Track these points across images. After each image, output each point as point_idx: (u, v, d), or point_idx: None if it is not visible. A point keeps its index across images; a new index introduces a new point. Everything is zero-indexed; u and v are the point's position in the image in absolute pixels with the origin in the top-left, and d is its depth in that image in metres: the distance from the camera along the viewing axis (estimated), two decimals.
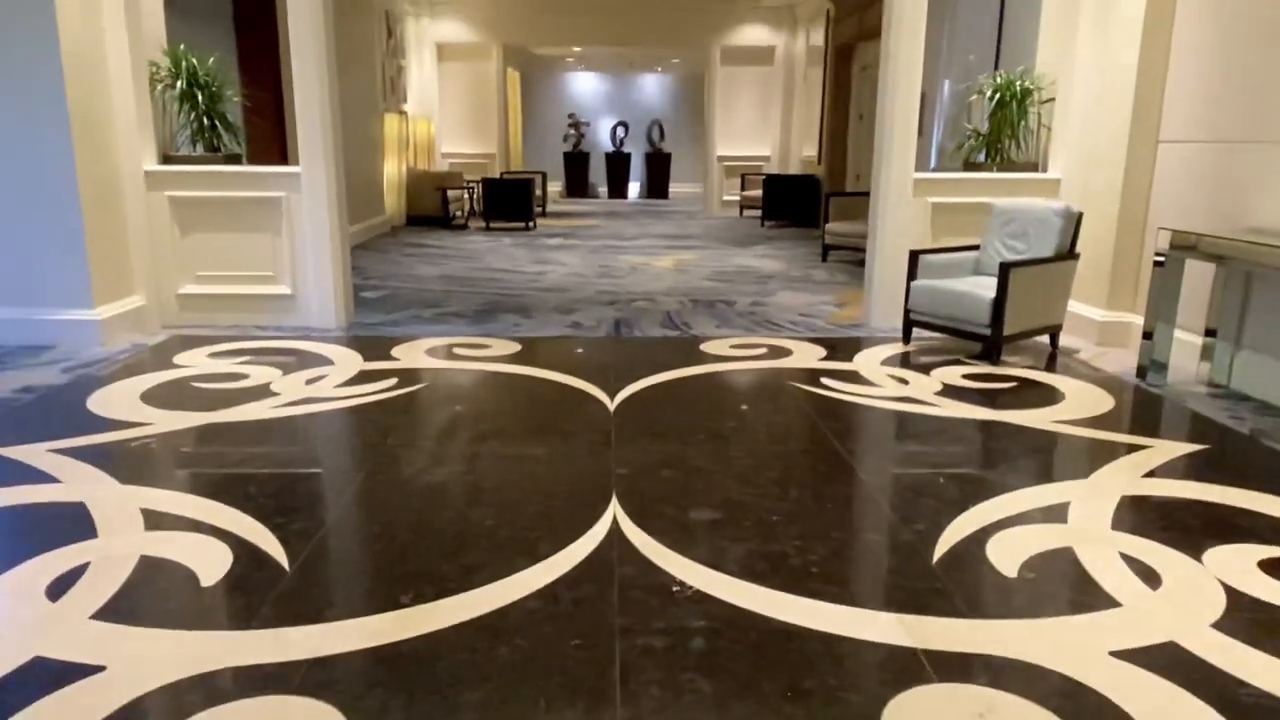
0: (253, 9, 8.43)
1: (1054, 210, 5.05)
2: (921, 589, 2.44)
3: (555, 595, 2.37)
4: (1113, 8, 5.31)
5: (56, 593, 2.36)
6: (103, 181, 5.22)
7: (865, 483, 3.25)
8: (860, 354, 5.13)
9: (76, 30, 4.96)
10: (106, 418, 3.83)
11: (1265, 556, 2.64)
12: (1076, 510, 2.96)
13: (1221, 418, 4.05)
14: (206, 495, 3.02)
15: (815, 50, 13.51)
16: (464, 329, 5.78)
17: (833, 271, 8.52)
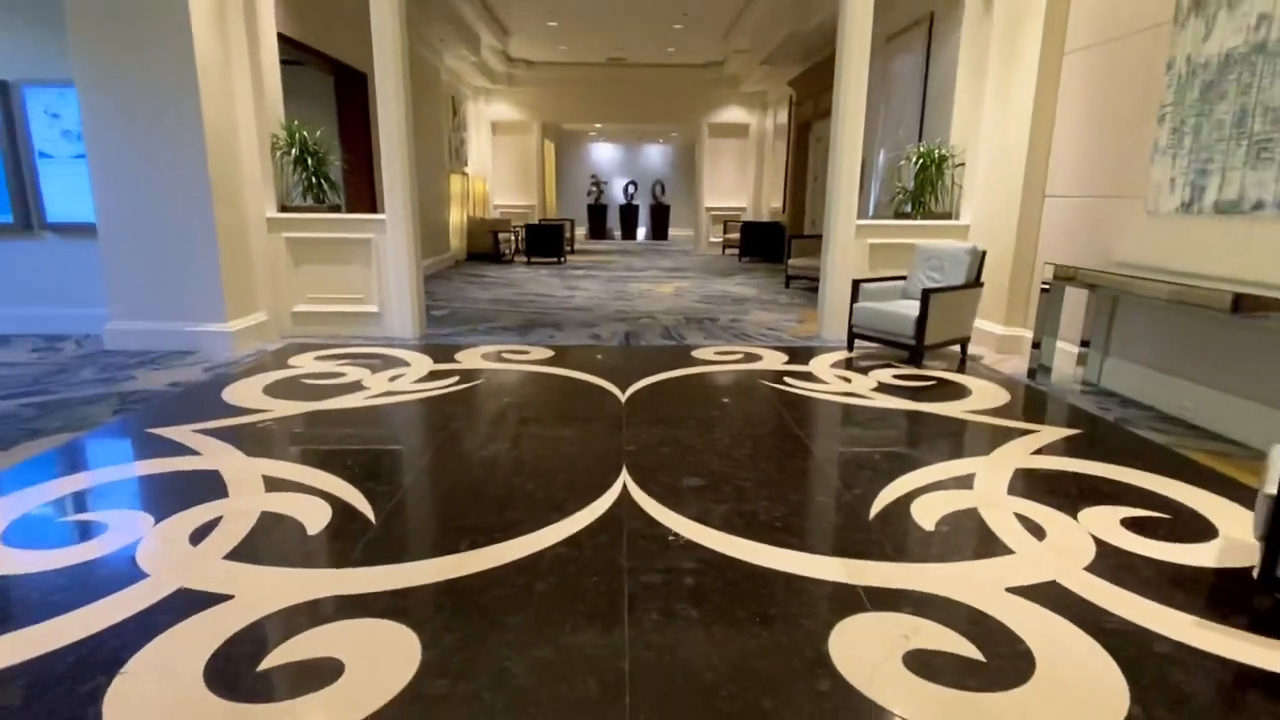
0: (350, 94, 8.47)
1: (963, 249, 5.03)
2: (860, 539, 2.43)
3: (579, 543, 2.37)
4: (1008, 95, 5.30)
5: (197, 539, 2.37)
6: (235, 226, 5.24)
7: (817, 458, 3.24)
8: (815, 359, 5.10)
9: (216, 114, 4.98)
10: (237, 405, 3.84)
11: (1126, 515, 2.63)
12: (980, 479, 2.94)
13: (1093, 409, 4.02)
14: (312, 465, 3.03)
15: (780, 127, 13.50)
16: (510, 339, 5.77)
17: (793, 296, 8.50)
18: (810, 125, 11.52)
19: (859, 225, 5.70)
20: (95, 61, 4.76)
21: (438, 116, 11.22)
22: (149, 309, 5.12)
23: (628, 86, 14.49)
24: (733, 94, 14.60)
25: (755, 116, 14.82)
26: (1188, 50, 3.83)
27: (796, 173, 12.03)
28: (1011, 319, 5.37)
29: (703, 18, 10.44)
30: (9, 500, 2.67)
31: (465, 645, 1.82)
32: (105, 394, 4.07)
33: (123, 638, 1.83)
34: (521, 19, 10.80)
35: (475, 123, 14.29)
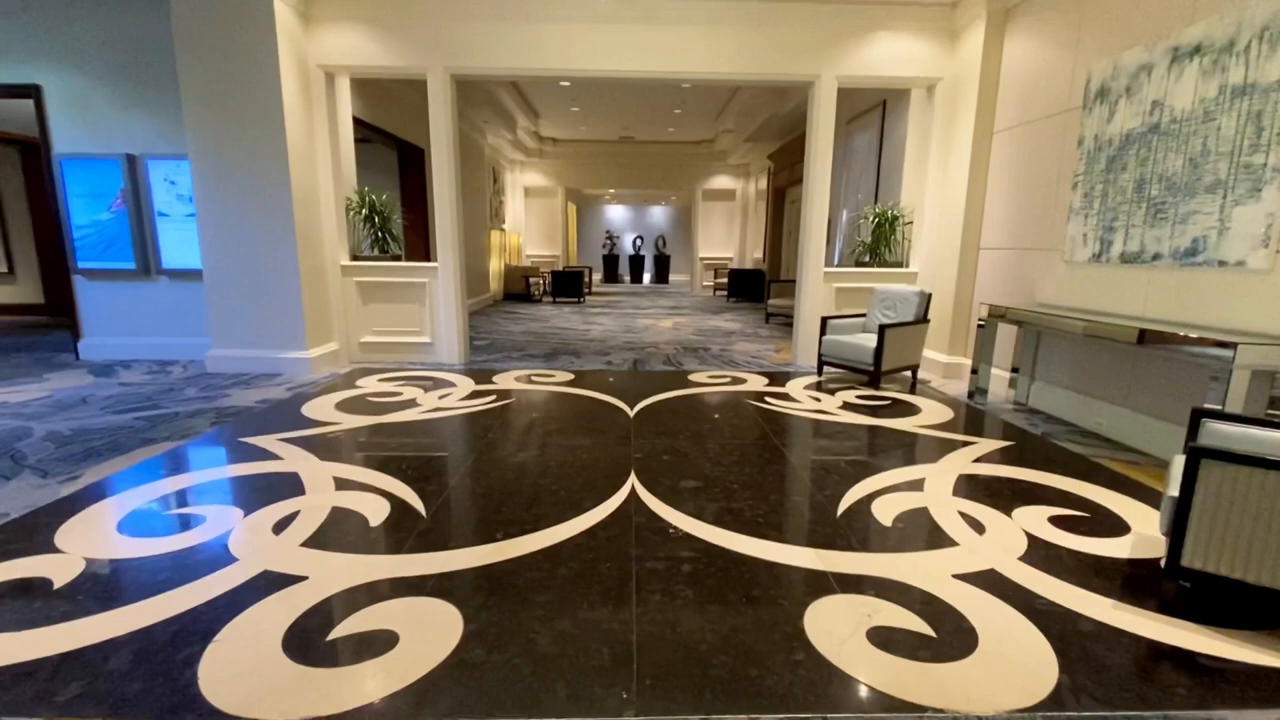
0: (410, 164, 8.60)
1: (913, 292, 5.03)
2: (829, 533, 2.40)
3: (594, 534, 2.35)
4: (948, 165, 5.34)
5: (279, 529, 2.36)
6: (314, 271, 5.30)
7: (793, 464, 3.22)
8: (790, 382, 5.09)
9: (301, 180, 5.07)
10: (313, 419, 3.85)
11: (1053, 514, 2.59)
12: (930, 483, 2.91)
13: (1023, 424, 3.99)
14: (374, 468, 3.03)
15: (761, 191, 13.61)
16: (538, 364, 5.78)
17: (773, 330, 8.49)
18: (785, 190, 11.61)
19: (826, 272, 5.71)
20: (205, 139, 4.86)
21: (481, 183, 11.37)
22: (243, 338, 5.16)
23: (636, 159, 14.67)
24: (722, 165, 14.76)
25: (740, 183, 14.95)
26: (1095, 130, 3.86)
27: (774, 229, 12.10)
28: (954, 349, 5.35)
29: (697, 104, 10.61)
30: (124, 497, 2.67)
31: (499, 620, 1.80)
32: (205, 409, 4.09)
33: (215, 612, 1.82)
34: (550, 105, 10.99)
35: (511, 188, 14.47)
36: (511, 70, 5.33)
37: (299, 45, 5.03)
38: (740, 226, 15.19)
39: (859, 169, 7.86)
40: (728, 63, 5.31)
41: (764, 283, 12.54)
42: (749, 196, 14.81)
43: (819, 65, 5.32)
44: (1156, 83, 3.42)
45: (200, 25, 4.69)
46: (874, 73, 5.35)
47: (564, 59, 5.27)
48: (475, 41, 5.23)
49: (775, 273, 12.05)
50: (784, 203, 11.82)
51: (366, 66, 5.27)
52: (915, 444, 3.55)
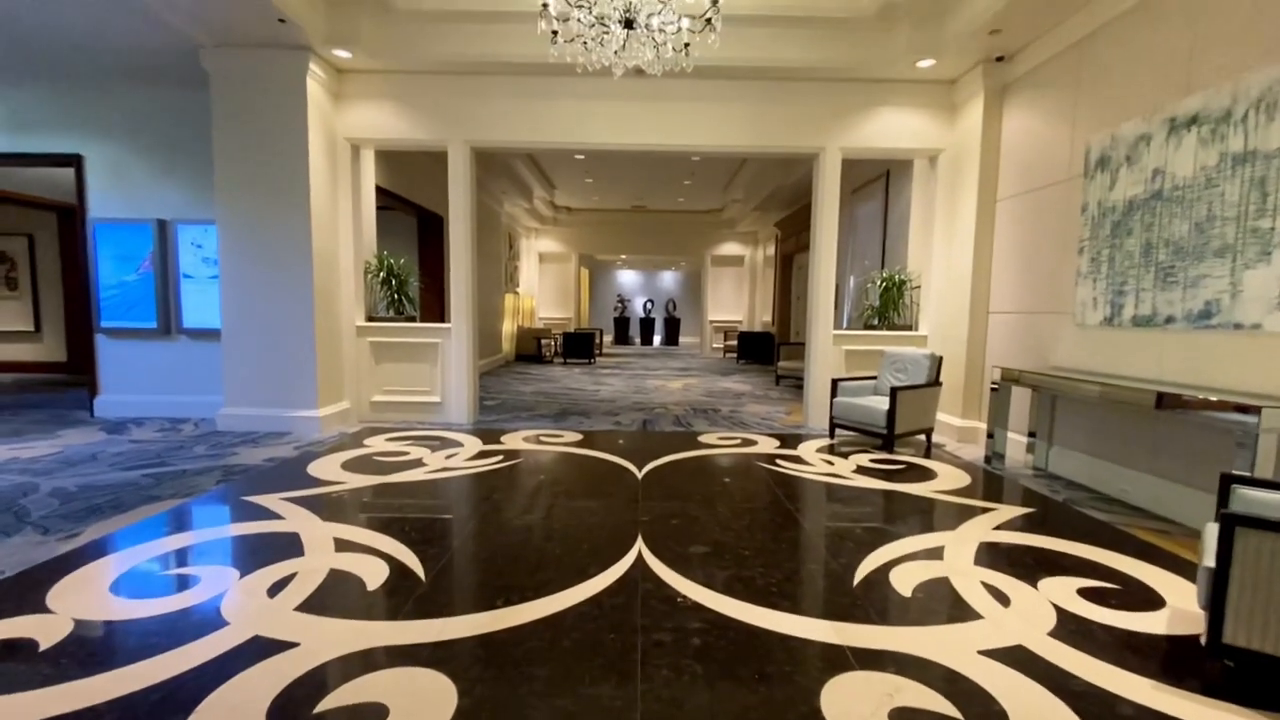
0: (428, 230, 8.87)
1: (924, 354, 5.01)
2: (846, 604, 2.28)
3: (599, 602, 2.26)
4: (953, 232, 5.43)
5: (274, 592, 2.29)
6: (330, 332, 5.39)
7: (806, 530, 3.11)
8: (802, 445, 5.00)
9: (322, 245, 5.23)
10: (319, 478, 3.81)
11: (1082, 585, 2.46)
12: (949, 551, 2.79)
13: (1044, 490, 3.86)
14: (375, 529, 2.96)
15: (769, 257, 13.86)
16: (547, 424, 5.74)
17: (783, 392, 8.44)
18: (793, 256, 11.82)
19: (835, 334, 5.72)
20: (233, 205, 5.06)
21: (497, 249, 11.69)
22: (255, 397, 5.19)
23: (647, 227, 15.08)
24: (730, 232, 15.12)
25: (748, 249, 15.26)
26: (1097, 197, 3.92)
27: (782, 293, 12.25)
28: (968, 412, 5.26)
29: (707, 176, 10.98)
30: (121, 556, 2.61)
31: (496, 694, 1.70)
32: (212, 466, 4.06)
33: (202, 679, 1.74)
34: (565, 177, 11.44)
35: (526, 253, 14.85)
36: (528, 143, 5.56)
37: (328, 120, 5.31)
38: (749, 291, 15.38)
39: (864, 236, 8.01)
40: (736, 136, 5.52)
41: (773, 345, 12.58)
42: (757, 262, 15.07)
43: (824, 138, 5.52)
44: (1156, 151, 3.50)
45: (237, 100, 4.98)
46: (877, 144, 5.53)
47: (578, 133, 5.51)
48: (494, 117, 5.49)
49: (784, 335, 12.10)
50: (791, 268, 12.00)
51: (391, 139, 5.53)
52: (933, 510, 3.43)
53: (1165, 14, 3.52)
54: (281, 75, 4.95)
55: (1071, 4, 4.04)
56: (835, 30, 4.99)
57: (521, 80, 5.43)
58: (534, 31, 4.83)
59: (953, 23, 4.68)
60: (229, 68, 4.94)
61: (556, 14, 3.29)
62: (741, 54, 5.02)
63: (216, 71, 4.96)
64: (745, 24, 4.87)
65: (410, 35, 5.02)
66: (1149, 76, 3.61)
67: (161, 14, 4.32)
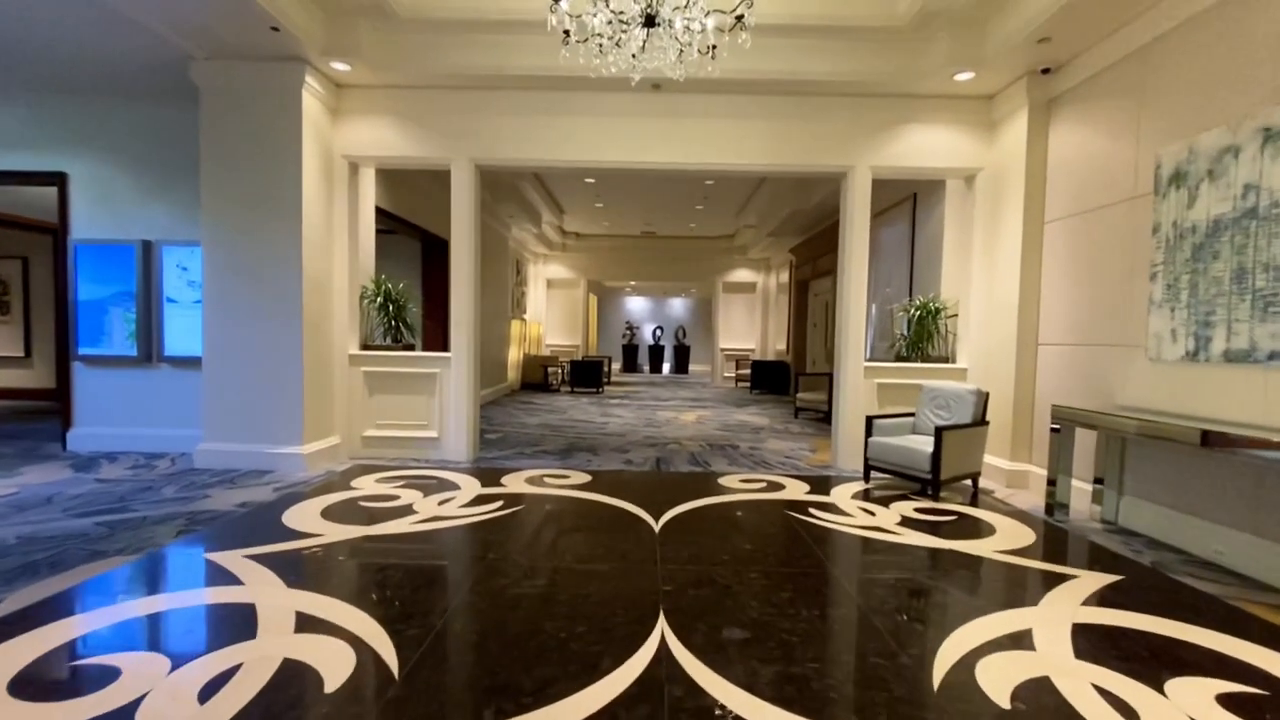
0: (432, 255, 8.53)
1: (968, 390, 4.53)
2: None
3: (614, 716, 1.76)
4: (995, 257, 4.99)
5: (206, 694, 1.81)
6: (320, 361, 4.98)
7: (861, 606, 2.59)
8: (835, 489, 4.49)
9: (314, 268, 4.86)
10: (294, 529, 3.34)
11: (1221, 691, 1.94)
12: (1040, 637, 2.28)
13: (1123, 550, 3.33)
14: (347, 599, 2.48)
15: (782, 284, 13.47)
16: (552, 462, 5.27)
17: (803, 425, 7.93)
18: (808, 283, 11.42)
19: (867, 366, 5.25)
20: (219, 225, 4.70)
21: (504, 274, 11.35)
22: (236, 432, 4.76)
23: (657, 253, 14.77)
24: (742, 259, 14.78)
25: (760, 276, 14.89)
26: (1172, 217, 3.48)
27: (798, 321, 11.81)
28: (1016, 454, 4.75)
29: (720, 200, 10.66)
30: (36, 637, 2.15)
31: None
32: (177, 513, 3.61)
33: None
34: (574, 201, 11.15)
35: (534, 279, 14.54)
36: (536, 162, 5.21)
37: (325, 136, 4.98)
38: (761, 318, 14.97)
39: (888, 262, 7.60)
40: (758, 154, 5.14)
41: (789, 375, 12.11)
42: (769, 289, 14.68)
43: (852, 156, 5.13)
44: (1247, 165, 3.06)
45: (227, 114, 4.65)
46: (910, 164, 5.13)
47: (590, 152, 5.15)
48: (501, 134, 5.15)
49: (800, 365, 11.62)
50: (807, 295, 11.59)
51: (391, 157, 5.18)
52: (1001, 577, 2.92)
53: (1250, 12, 3.12)
54: (276, 89, 4.64)
55: (1136, 5, 3.65)
56: (867, 41, 4.63)
57: (530, 96, 5.09)
58: (544, 43, 4.52)
59: (997, 31, 4.31)
60: (220, 81, 4.63)
61: (569, 9, 2.92)
62: (765, 66, 4.66)
63: (207, 85, 4.65)
64: (770, 34, 4.52)
65: (414, 47, 4.70)
66: (1233, 82, 3.20)
67: (148, 24, 4.01)
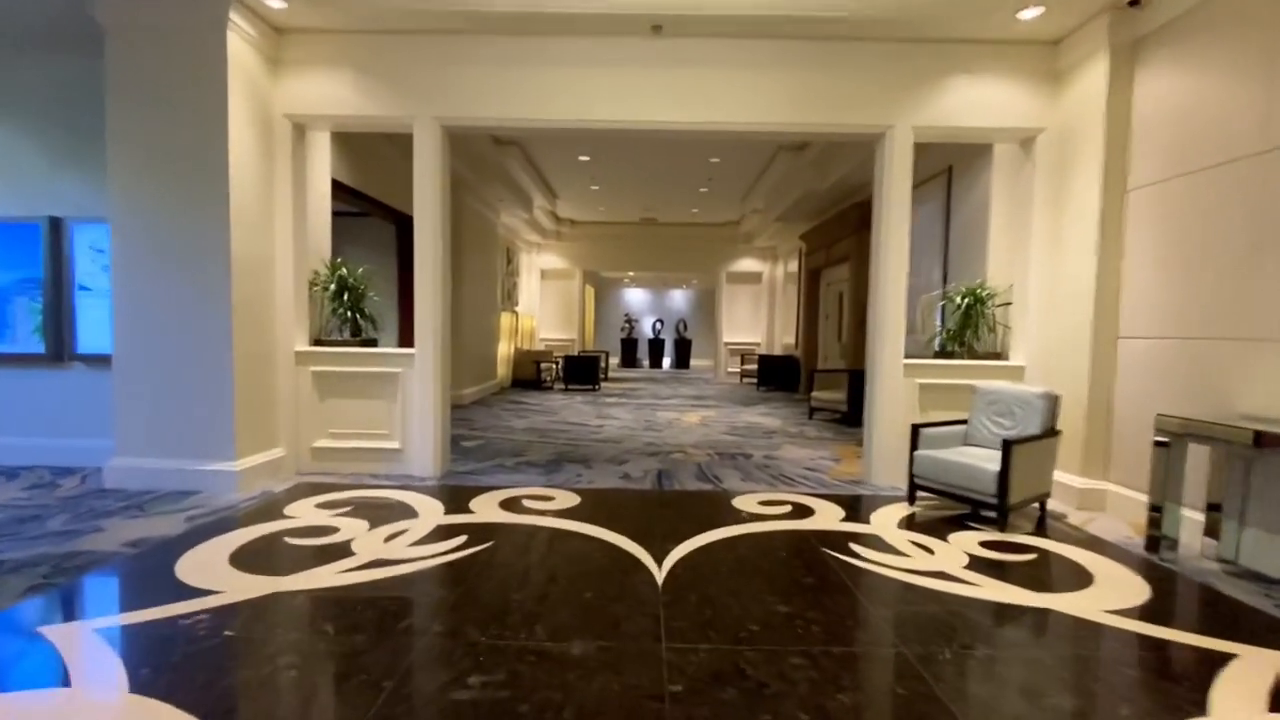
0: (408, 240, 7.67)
1: (1035, 394, 3.72)
2: None
3: None
4: (1061, 234, 4.18)
5: None
6: (257, 359, 4.17)
7: (957, 714, 1.81)
8: (875, 514, 3.70)
9: (248, 250, 4.04)
10: (184, 583, 2.54)
11: None
12: None
13: (1266, 605, 2.54)
14: (204, 717, 1.68)
15: (790, 274, 12.66)
16: (535, 477, 4.47)
17: (820, 429, 7.13)
18: (820, 272, 10.60)
19: (906, 364, 4.43)
20: (129, 197, 3.89)
21: (493, 264, 10.53)
22: (155, 445, 3.96)
23: (657, 241, 13.93)
24: (747, 248, 13.96)
25: (767, 266, 14.07)
26: None
27: (808, 313, 10.98)
28: (1090, 470, 3.96)
29: (726, 180, 9.83)
30: None
31: None
32: (50, 554, 2.82)
33: None
34: (567, 182, 10.31)
35: (527, 270, 13.73)
36: (515, 122, 4.38)
37: (261, 91, 4.15)
38: (768, 310, 14.15)
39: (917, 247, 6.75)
40: (777, 111, 4.31)
41: (798, 370, 11.32)
42: (776, 279, 13.87)
43: (890, 114, 4.30)
44: None
45: (138, 62, 3.83)
46: (958, 123, 4.30)
47: (575, 109, 4.32)
48: (471, 89, 4.32)
49: (811, 360, 10.82)
50: (819, 285, 10.78)
51: (342, 117, 4.35)
52: (1135, 659, 2.12)
53: None
54: (193, 29, 3.81)
55: None
56: None
57: (507, 43, 4.26)
58: None
59: None
60: (126, 17, 3.80)
61: None
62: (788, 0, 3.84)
63: (112, 23, 3.82)
64: None
65: None
66: None
67: None
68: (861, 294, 8.50)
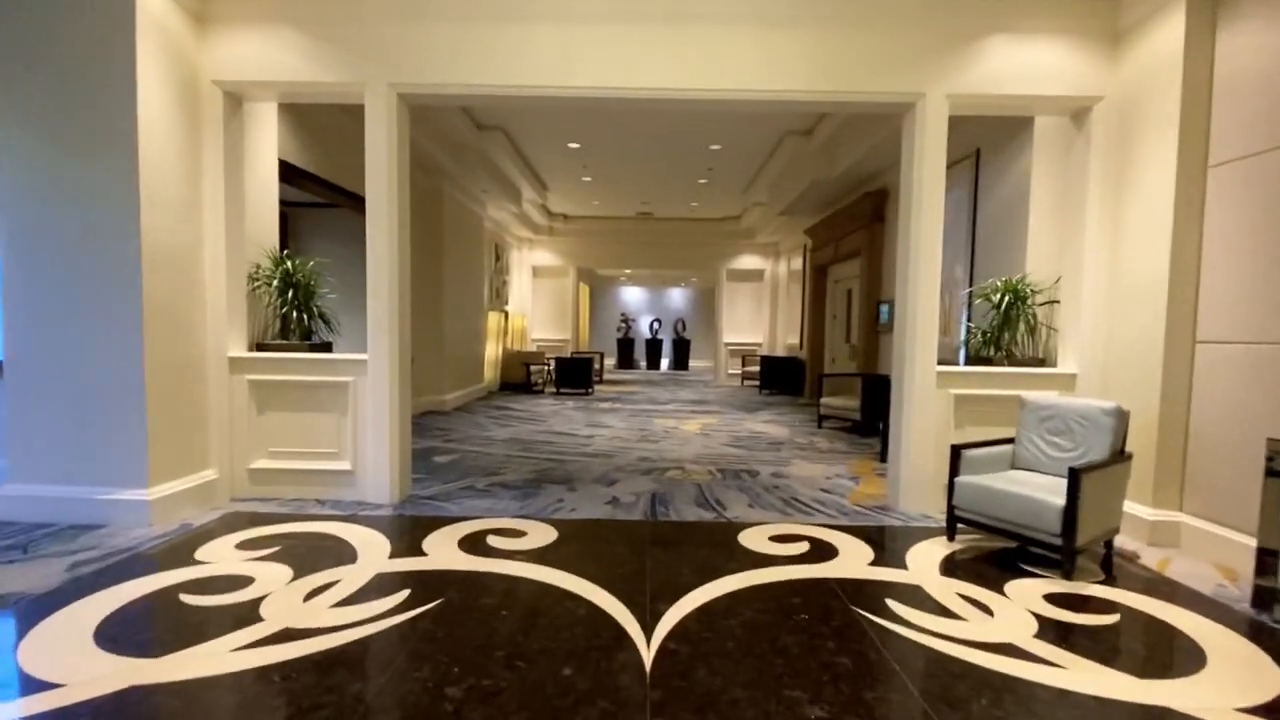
0: None
1: (1101, 409, 3.11)
2: None
3: None
4: (1124, 221, 3.57)
5: None
6: (179, 367, 3.55)
7: None
8: (910, 553, 3.08)
9: (165, 236, 3.42)
10: (25, 671, 1.93)
11: None
12: None
13: None
14: None
15: (794, 272, 12.04)
16: (509, 504, 3.86)
17: (831, 439, 6.52)
18: (827, 268, 10.00)
19: (940, 372, 3.82)
20: (17, 181, 3.27)
21: (479, 260, 9.90)
22: (54, 468, 3.34)
23: (654, 237, 13.32)
24: (749, 244, 13.35)
25: (769, 263, 13.46)
26: None
27: (814, 313, 10.36)
28: (1162, 499, 3.35)
29: (728, 169, 9.21)
30: None
31: None
32: None
33: None
34: (557, 173, 9.69)
35: (518, 267, 13.10)
36: (484, 89, 3.76)
37: (182, 53, 3.53)
38: (770, 310, 13.54)
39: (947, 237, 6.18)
40: (790, 76, 3.70)
41: (803, 373, 10.72)
42: (779, 277, 13.26)
43: (922, 79, 3.69)
44: None
45: (28, 20, 3.20)
46: (1002, 91, 3.69)
47: (553, 73, 3.71)
48: (432, 50, 3.70)
49: (816, 362, 10.21)
50: (825, 283, 10.17)
51: (280, 83, 3.74)
52: None
53: None
54: None
55: None
56: None
57: None
58: None
59: None
60: None
61: None
62: None
63: None
64: None
65: None
66: None
67: None
68: (874, 291, 7.90)
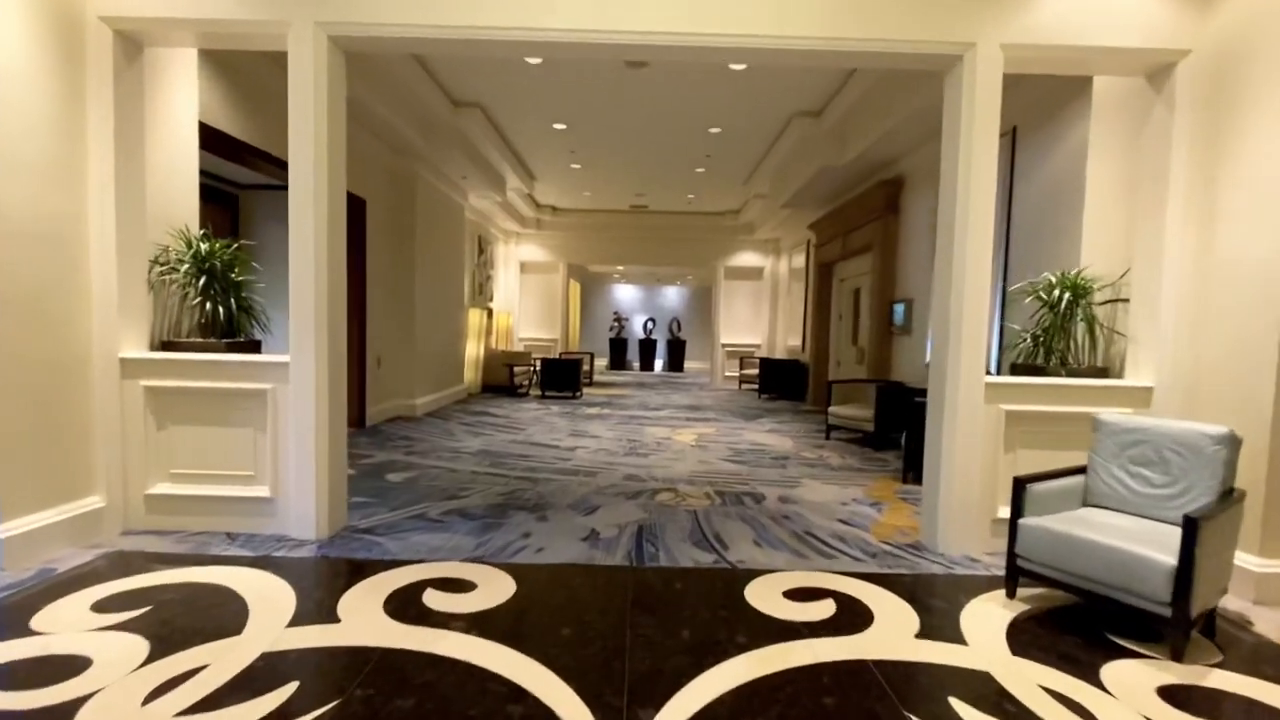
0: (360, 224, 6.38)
1: (1209, 435, 2.45)
2: None
3: None
4: (1218, 200, 2.92)
5: None
6: (50, 367, 2.85)
7: None
8: (965, 618, 2.42)
9: (23, 211, 2.71)
10: None
11: None
12: None
13: None
14: None
15: (796, 270, 11.41)
16: (463, 542, 3.18)
17: (842, 452, 5.86)
18: (833, 266, 9.36)
19: (989, 384, 3.16)
20: None
21: (458, 252, 9.20)
22: None
23: (648, 232, 12.65)
24: (748, 240, 12.70)
25: (769, 260, 12.82)
26: None
27: (818, 313, 9.72)
28: (1271, 546, 2.70)
29: (728, 154, 8.54)
30: None
31: None
32: None
33: None
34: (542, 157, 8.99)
35: (504, 262, 12.41)
36: (434, 30, 3.08)
37: None
38: (770, 309, 12.90)
39: None
40: (809, 21, 3.03)
41: (805, 377, 10.08)
42: (780, 275, 12.62)
43: (970, 26, 3.03)
44: None
45: None
46: (1067, 41, 3.03)
47: (522, 13, 3.03)
48: None
49: (821, 365, 9.57)
50: (830, 281, 9.53)
51: (182, 19, 3.03)
52: None
53: None
54: None
55: None
56: None
57: None
58: None
59: None
60: None
61: None
62: None
63: None
64: None
65: None
66: None
67: None
68: (887, 290, 7.25)
